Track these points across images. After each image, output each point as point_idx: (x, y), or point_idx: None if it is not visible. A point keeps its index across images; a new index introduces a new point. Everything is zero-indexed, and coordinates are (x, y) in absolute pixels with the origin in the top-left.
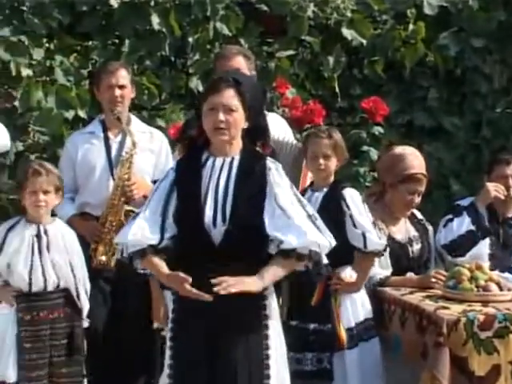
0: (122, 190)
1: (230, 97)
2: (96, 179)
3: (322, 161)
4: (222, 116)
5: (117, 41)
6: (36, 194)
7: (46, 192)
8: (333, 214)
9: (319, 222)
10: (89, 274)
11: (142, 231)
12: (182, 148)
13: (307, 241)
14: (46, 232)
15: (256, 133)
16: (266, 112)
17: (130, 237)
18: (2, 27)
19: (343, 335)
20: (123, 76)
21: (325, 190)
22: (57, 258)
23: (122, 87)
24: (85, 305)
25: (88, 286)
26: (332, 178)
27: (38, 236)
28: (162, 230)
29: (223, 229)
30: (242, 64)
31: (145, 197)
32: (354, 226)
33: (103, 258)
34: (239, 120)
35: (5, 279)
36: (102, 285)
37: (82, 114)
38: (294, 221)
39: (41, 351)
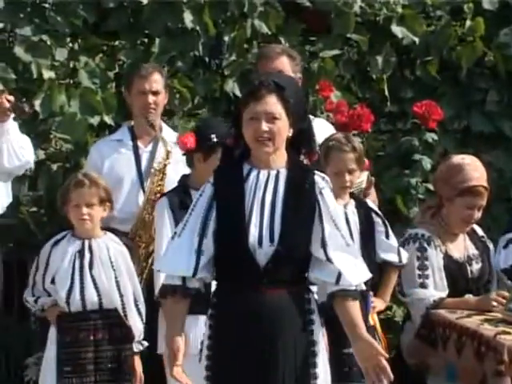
0: (154, 203)
1: (272, 104)
2: (125, 192)
3: (347, 177)
4: (264, 125)
5: (146, 40)
6: (79, 207)
7: (89, 205)
8: (363, 227)
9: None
10: None
11: (175, 259)
12: (203, 158)
13: (364, 277)
14: (90, 248)
15: (300, 139)
16: (310, 116)
17: (162, 264)
18: (22, 26)
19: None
20: (157, 81)
21: (353, 202)
22: (99, 276)
23: (155, 93)
24: (136, 326)
25: (142, 306)
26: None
27: (81, 252)
28: (199, 254)
29: (271, 249)
30: (286, 65)
31: None
32: (387, 237)
33: None
34: (283, 128)
35: (54, 298)
36: None
37: (108, 119)
38: (352, 247)
39: (82, 375)
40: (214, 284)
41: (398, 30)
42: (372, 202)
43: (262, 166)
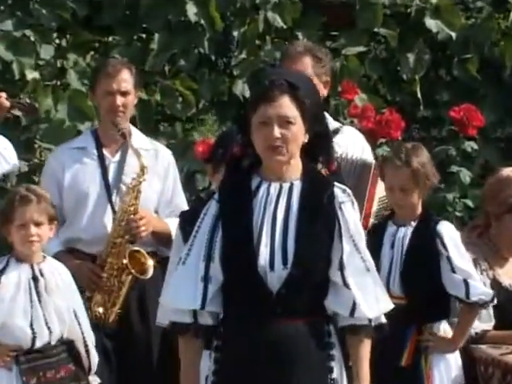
0: (127, 226)
1: (285, 106)
2: (89, 209)
3: (399, 195)
4: (277, 131)
5: (144, 36)
6: (26, 226)
7: (38, 224)
8: (425, 255)
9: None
10: None
11: (180, 289)
12: (212, 170)
13: (382, 310)
14: (41, 272)
15: (317, 146)
16: (338, 123)
17: (167, 297)
18: (2, 20)
19: None
20: (126, 79)
21: (413, 223)
22: (58, 304)
23: (124, 94)
24: (94, 359)
25: (92, 336)
26: (419, 209)
27: (35, 278)
28: (206, 282)
29: (284, 273)
30: (307, 67)
31: (154, 234)
32: (453, 270)
33: (100, 309)
34: (298, 134)
35: None
36: (102, 341)
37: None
38: (373, 273)
39: None
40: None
41: (432, 23)
42: None
43: (274, 177)
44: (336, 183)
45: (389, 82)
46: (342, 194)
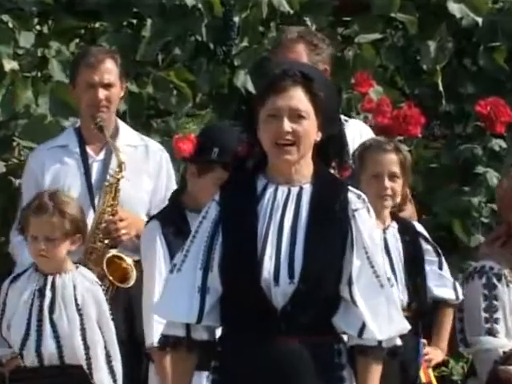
0: (106, 229)
1: (298, 98)
2: None
3: (387, 182)
4: (287, 125)
5: (135, 21)
6: (37, 240)
7: (49, 239)
8: (411, 257)
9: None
10: None
11: (174, 300)
12: (197, 172)
13: (395, 331)
14: (53, 285)
15: (329, 148)
16: (343, 118)
17: (158, 309)
18: None
19: None
20: (109, 70)
21: (394, 225)
22: (60, 322)
23: (107, 86)
24: None
25: (117, 363)
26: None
27: (41, 291)
28: (203, 293)
29: (290, 288)
30: (301, 56)
31: (138, 237)
32: (441, 268)
33: None
34: (311, 130)
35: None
36: None
37: None
38: (387, 290)
39: None
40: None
41: (455, 7)
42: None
43: (282, 179)
44: (351, 188)
45: (407, 72)
46: (356, 199)
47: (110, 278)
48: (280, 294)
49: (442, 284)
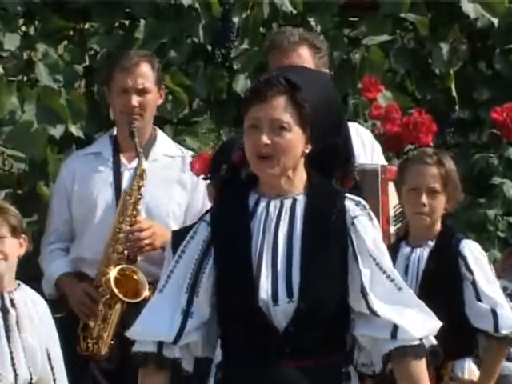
0: (125, 239)
1: (280, 108)
2: (96, 223)
3: (425, 199)
4: (265, 137)
5: (127, 22)
6: None
7: None
8: (445, 280)
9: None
10: (76, 361)
11: (153, 320)
12: (214, 189)
13: (430, 329)
14: (12, 303)
15: (332, 159)
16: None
17: (136, 326)
18: None
19: None
20: (145, 74)
21: (430, 244)
22: (30, 342)
23: (142, 92)
24: None
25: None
26: (439, 227)
27: (3, 310)
28: (186, 316)
29: (291, 307)
30: (306, 59)
31: (163, 249)
32: (479, 298)
33: (91, 340)
34: (294, 143)
35: None
36: (97, 378)
37: (75, 130)
38: (407, 292)
39: None
40: (218, 353)
41: (469, 7)
42: None
43: (273, 193)
44: (348, 195)
45: (418, 77)
46: (354, 206)
47: (119, 294)
48: (280, 313)
49: (480, 315)
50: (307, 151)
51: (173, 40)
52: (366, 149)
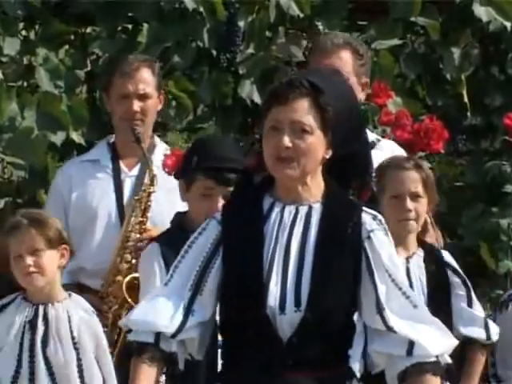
0: (134, 247)
1: (302, 111)
2: (99, 233)
3: (410, 204)
4: (287, 139)
5: (130, 26)
6: (21, 257)
7: (34, 251)
8: (433, 290)
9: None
10: None
11: (154, 311)
12: (185, 185)
13: (446, 346)
14: (45, 316)
15: (350, 167)
16: (375, 137)
17: (136, 315)
18: None
19: None
20: (145, 79)
21: (419, 252)
22: (55, 358)
23: (143, 97)
24: None
25: None
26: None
27: (32, 323)
28: (187, 313)
29: (297, 316)
30: (347, 63)
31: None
32: (470, 304)
33: None
34: (316, 147)
35: None
36: None
37: (76, 137)
38: (422, 309)
39: None
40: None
41: (482, 11)
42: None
43: (289, 198)
44: (365, 208)
45: (429, 82)
46: (371, 220)
47: (132, 302)
48: (286, 323)
49: (471, 322)
50: (327, 157)
51: (177, 44)
52: None
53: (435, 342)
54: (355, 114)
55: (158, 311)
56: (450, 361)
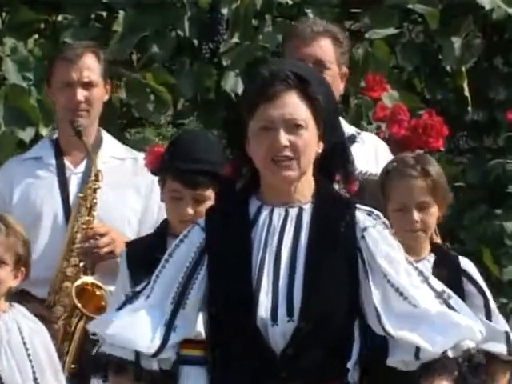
0: (82, 249)
1: (294, 105)
2: (44, 236)
3: (416, 215)
4: (284, 137)
5: (104, 14)
6: None
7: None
8: None
9: (455, 300)
10: None
11: (135, 326)
12: (182, 184)
13: (454, 338)
14: None
15: (330, 160)
16: (355, 130)
17: (114, 330)
18: None
19: None
20: (90, 66)
21: (429, 258)
22: (9, 371)
23: (87, 85)
24: None
25: None
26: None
27: None
28: (169, 329)
29: (290, 327)
30: (328, 52)
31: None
32: (489, 317)
33: None
34: (312, 141)
35: None
36: None
37: (46, 133)
38: (422, 308)
39: None
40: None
41: None
42: None
43: (278, 200)
44: (359, 205)
45: (427, 75)
46: (366, 217)
47: (83, 309)
48: (279, 334)
49: (489, 336)
50: (320, 151)
51: (155, 34)
52: (379, 165)
53: (438, 339)
54: (335, 103)
55: (139, 328)
56: (469, 346)
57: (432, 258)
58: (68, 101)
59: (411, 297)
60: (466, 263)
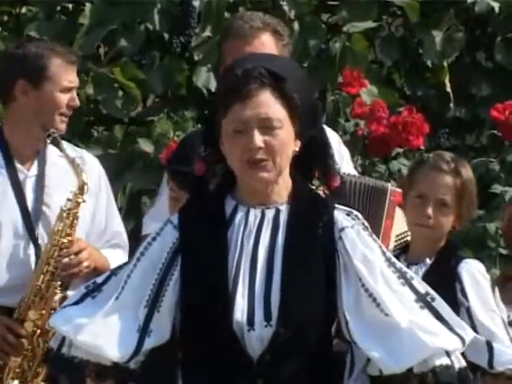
0: (61, 264)
1: (268, 104)
2: (2, 244)
3: (431, 211)
4: (258, 139)
5: (70, 6)
6: None
7: None
8: None
9: (438, 303)
10: None
11: (106, 332)
12: (176, 185)
13: (424, 353)
14: None
15: (310, 156)
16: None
17: (85, 337)
18: None
19: None
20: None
21: (428, 261)
22: None
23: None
24: None
25: None
26: (442, 242)
27: None
28: (143, 335)
29: (268, 332)
30: (269, 47)
31: (96, 270)
32: (474, 328)
33: (16, 383)
34: (287, 141)
35: None
36: None
37: None
38: (393, 317)
39: None
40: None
41: None
42: None
43: (254, 201)
44: (337, 205)
45: (407, 70)
46: (344, 217)
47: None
48: (255, 339)
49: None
50: (297, 149)
51: (124, 27)
52: (344, 161)
53: (405, 353)
54: (314, 98)
55: (110, 334)
56: (442, 363)
57: (428, 261)
58: (57, 104)
59: (384, 304)
60: (464, 269)
